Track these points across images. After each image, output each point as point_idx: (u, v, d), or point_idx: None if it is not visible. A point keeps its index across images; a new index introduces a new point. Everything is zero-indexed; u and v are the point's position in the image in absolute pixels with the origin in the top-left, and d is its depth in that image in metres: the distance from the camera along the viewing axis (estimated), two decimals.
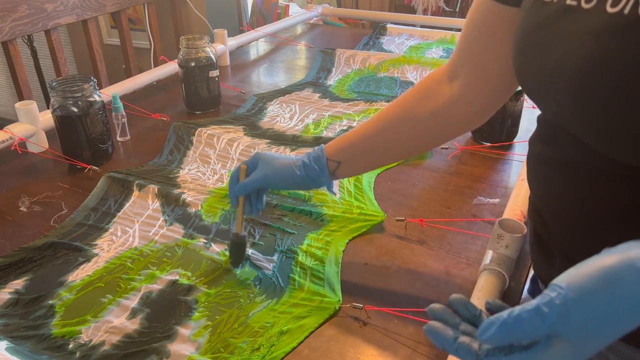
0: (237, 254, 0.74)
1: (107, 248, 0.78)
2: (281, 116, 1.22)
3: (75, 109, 0.97)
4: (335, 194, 0.72)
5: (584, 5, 0.41)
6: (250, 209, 0.74)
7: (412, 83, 1.39)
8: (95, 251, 0.78)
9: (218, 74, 1.24)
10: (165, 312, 0.66)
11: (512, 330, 0.35)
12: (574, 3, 0.42)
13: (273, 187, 0.73)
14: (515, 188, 0.83)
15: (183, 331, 0.63)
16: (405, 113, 0.66)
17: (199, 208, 0.86)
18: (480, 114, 0.65)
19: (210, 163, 1.01)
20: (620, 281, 0.33)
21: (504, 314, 0.35)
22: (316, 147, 0.70)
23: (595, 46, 0.39)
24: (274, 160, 0.70)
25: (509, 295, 0.67)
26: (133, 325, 0.64)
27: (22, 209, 0.89)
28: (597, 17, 0.40)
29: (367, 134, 0.68)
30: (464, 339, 0.38)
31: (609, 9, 0.39)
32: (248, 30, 1.77)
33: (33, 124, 1.05)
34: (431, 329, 0.40)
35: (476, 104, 0.63)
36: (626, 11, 0.38)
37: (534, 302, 0.35)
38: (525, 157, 0.59)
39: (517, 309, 0.35)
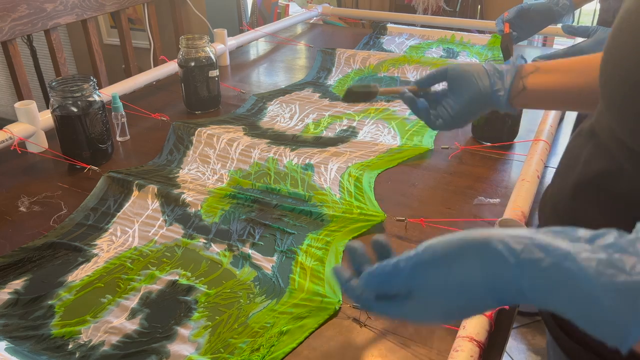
0: (360, 91, 0.73)
1: (106, 248, 0.78)
2: (281, 116, 1.22)
3: (74, 109, 0.97)
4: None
5: None
6: (414, 101, 0.71)
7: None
8: (95, 251, 0.78)
9: (218, 73, 1.24)
10: (165, 312, 0.66)
11: (377, 279, 0.40)
12: None
13: (453, 78, 0.68)
14: (515, 188, 0.83)
15: (183, 331, 0.63)
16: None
17: (199, 208, 0.86)
18: None
19: (210, 163, 1.01)
20: (465, 255, 0.35)
21: (377, 264, 0.40)
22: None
23: None
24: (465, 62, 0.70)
25: None
26: (133, 326, 0.64)
27: (21, 209, 0.89)
28: None
29: (574, 60, 0.63)
30: (354, 282, 0.43)
31: None
32: (248, 30, 1.77)
33: (33, 123, 1.05)
34: (335, 269, 0.44)
35: None
36: None
37: (397, 257, 0.39)
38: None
39: (386, 260, 0.39)
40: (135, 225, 0.84)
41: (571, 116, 1.19)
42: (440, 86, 0.71)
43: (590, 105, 0.62)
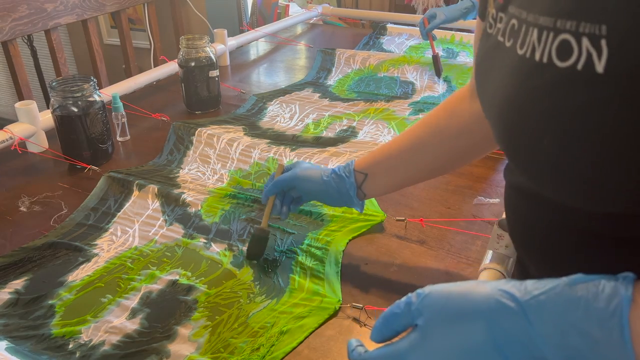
0: (257, 248, 0.75)
1: (107, 248, 0.78)
2: (281, 116, 1.22)
3: (75, 109, 0.97)
4: (361, 212, 0.72)
5: (506, 44, 0.40)
6: (279, 210, 0.75)
7: (412, 83, 1.39)
8: (95, 251, 0.78)
9: (218, 74, 1.24)
10: (165, 312, 0.66)
11: (388, 321, 0.40)
12: (502, 39, 0.41)
13: (299, 188, 0.72)
14: None
15: (183, 331, 0.63)
16: (433, 131, 0.65)
17: (199, 208, 0.86)
18: None
19: (210, 163, 1.01)
20: (471, 315, 0.36)
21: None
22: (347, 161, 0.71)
23: (511, 87, 0.38)
24: (309, 165, 0.74)
25: None
26: (133, 325, 0.64)
27: (22, 209, 0.89)
28: (512, 57, 0.38)
29: (394, 150, 0.67)
30: (360, 348, 0.43)
31: (519, 51, 0.37)
32: (248, 30, 1.77)
33: (33, 123, 1.05)
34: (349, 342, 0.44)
35: None
36: (527, 55, 0.36)
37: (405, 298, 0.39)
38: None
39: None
40: (135, 225, 0.84)
41: None
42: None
43: (437, 172, 0.70)
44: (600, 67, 0.31)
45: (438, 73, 1.42)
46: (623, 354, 0.30)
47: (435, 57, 1.42)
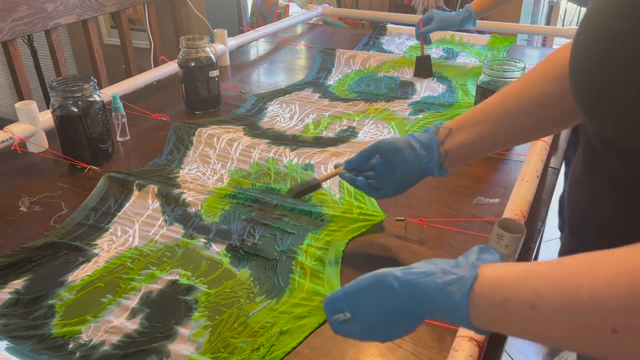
0: (304, 191, 0.78)
1: (107, 248, 0.78)
2: (281, 116, 1.22)
3: (75, 109, 0.97)
4: (446, 174, 0.70)
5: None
6: (353, 179, 0.73)
7: (412, 83, 1.40)
8: (95, 251, 0.78)
9: (218, 74, 1.24)
10: (165, 312, 0.66)
11: (328, 304, 0.51)
12: None
13: (385, 155, 0.70)
14: (515, 188, 0.83)
15: (183, 331, 0.63)
16: (519, 94, 0.63)
17: (199, 208, 0.86)
18: None
19: (210, 163, 1.01)
20: (372, 287, 0.48)
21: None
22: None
23: (603, 24, 0.40)
24: (393, 137, 0.72)
25: None
26: (133, 325, 0.64)
27: (22, 209, 0.89)
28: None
29: (481, 108, 0.66)
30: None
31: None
32: (248, 30, 1.77)
33: (33, 124, 1.05)
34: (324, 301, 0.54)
35: None
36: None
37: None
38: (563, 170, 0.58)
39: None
40: (135, 225, 0.84)
41: None
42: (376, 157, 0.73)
43: (520, 138, 0.68)
44: None
45: (418, 73, 1.44)
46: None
47: (419, 58, 1.44)
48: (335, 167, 0.76)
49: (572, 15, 2.91)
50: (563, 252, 0.63)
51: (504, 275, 0.40)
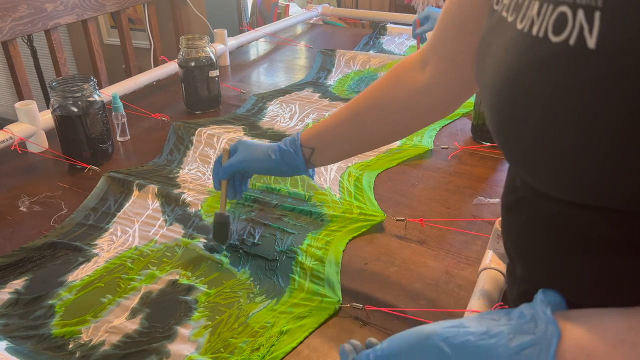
0: (221, 233, 0.76)
1: (107, 248, 0.78)
2: (281, 116, 1.22)
3: (75, 109, 0.97)
4: (314, 180, 0.74)
5: (508, 19, 0.39)
6: (234, 193, 0.76)
7: None
8: (95, 251, 0.78)
9: (218, 73, 1.24)
10: (165, 312, 0.66)
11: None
12: (505, 15, 0.40)
13: (251, 171, 0.75)
14: None
15: (183, 331, 0.63)
16: (375, 100, 0.65)
17: (199, 208, 0.86)
18: (449, 104, 0.64)
19: (210, 163, 1.01)
20: (416, 348, 0.39)
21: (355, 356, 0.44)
22: (293, 133, 0.71)
23: (505, 63, 0.38)
24: (253, 145, 0.74)
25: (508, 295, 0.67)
26: (133, 325, 0.64)
27: (22, 209, 0.89)
28: (511, 32, 0.38)
29: (338, 121, 0.68)
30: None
31: (518, 25, 0.37)
32: (248, 30, 1.77)
33: (33, 123, 1.05)
34: (342, 348, 0.47)
35: (444, 93, 0.62)
36: (525, 29, 0.36)
37: (370, 349, 0.43)
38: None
39: (362, 352, 0.43)
40: (135, 225, 0.84)
41: None
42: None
43: (389, 138, 0.71)
44: (591, 42, 0.31)
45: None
46: None
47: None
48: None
49: None
50: None
51: (589, 345, 0.33)
